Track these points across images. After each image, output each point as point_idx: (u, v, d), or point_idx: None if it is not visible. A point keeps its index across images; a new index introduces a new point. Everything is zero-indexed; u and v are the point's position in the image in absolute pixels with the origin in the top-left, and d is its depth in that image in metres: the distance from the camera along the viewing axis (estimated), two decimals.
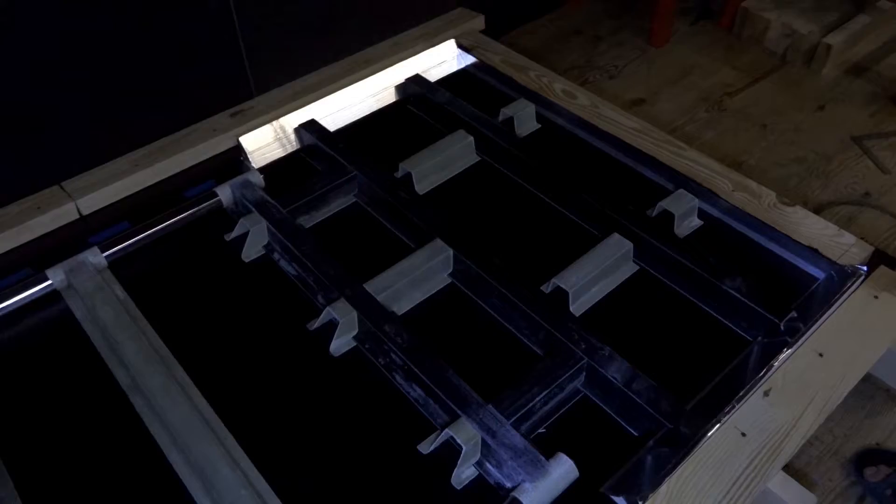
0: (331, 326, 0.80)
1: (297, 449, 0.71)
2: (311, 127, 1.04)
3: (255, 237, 0.89)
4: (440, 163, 0.99)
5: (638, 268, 0.87)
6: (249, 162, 1.02)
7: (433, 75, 1.18)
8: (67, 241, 0.92)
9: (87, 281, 0.83)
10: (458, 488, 0.68)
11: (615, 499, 0.66)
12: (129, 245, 0.89)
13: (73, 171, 0.98)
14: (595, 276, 0.84)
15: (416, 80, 1.14)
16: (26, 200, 0.94)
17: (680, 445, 0.68)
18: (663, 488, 0.65)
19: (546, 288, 0.83)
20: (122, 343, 0.76)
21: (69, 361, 0.78)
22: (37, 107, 0.91)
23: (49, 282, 0.83)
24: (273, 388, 0.76)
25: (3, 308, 0.82)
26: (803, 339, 0.77)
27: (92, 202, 0.95)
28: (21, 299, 0.83)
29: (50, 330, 0.82)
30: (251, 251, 0.89)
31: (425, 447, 0.70)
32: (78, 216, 0.94)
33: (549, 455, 0.67)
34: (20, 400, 0.75)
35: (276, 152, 1.05)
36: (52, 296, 0.84)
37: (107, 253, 0.87)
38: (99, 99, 0.96)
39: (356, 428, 0.73)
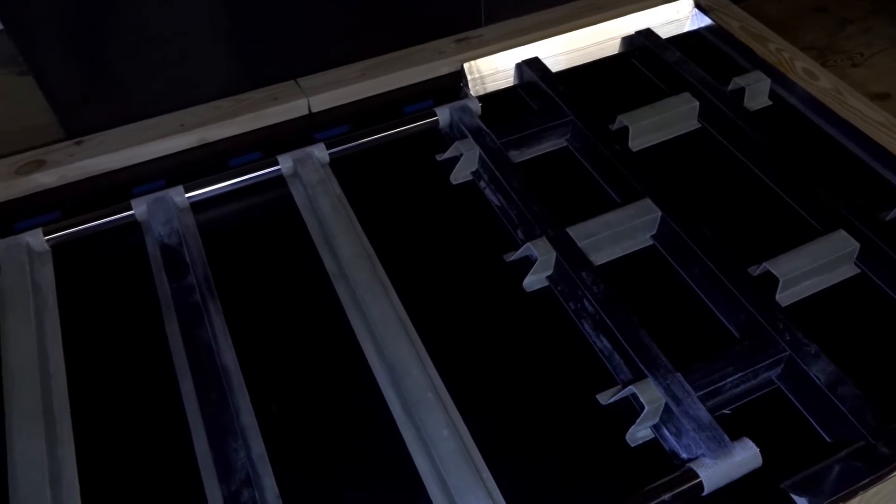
0: (527, 262, 0.81)
1: (476, 366, 0.74)
2: (534, 65, 1.04)
3: (467, 162, 0.91)
4: (660, 122, 0.96)
5: (859, 271, 0.81)
6: (468, 89, 1.04)
7: (663, 33, 1.13)
8: (295, 133, 0.99)
9: (311, 173, 0.89)
10: (631, 446, 0.68)
11: (797, 498, 0.63)
12: (349, 147, 0.94)
13: (309, 70, 1.04)
14: (811, 269, 0.78)
15: (646, 35, 1.10)
16: (266, 90, 1.02)
17: (878, 463, 0.64)
18: (855, 502, 0.61)
19: (754, 271, 0.79)
20: (335, 235, 0.82)
21: (286, 241, 0.85)
22: (277, 2, 0.97)
23: (278, 167, 0.90)
24: (462, 306, 0.79)
25: (236, 183, 0.90)
26: None
27: (321, 101, 1.01)
28: (252, 177, 0.90)
29: (272, 210, 0.89)
30: (460, 174, 0.92)
31: (604, 398, 0.70)
32: (307, 112, 1.01)
33: (733, 438, 0.65)
34: (240, 265, 0.83)
35: (494, 84, 1.06)
36: (278, 180, 0.91)
37: (330, 150, 0.92)
38: (335, 6, 1.01)
39: (536, 363, 0.74)
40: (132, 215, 0.85)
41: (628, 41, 1.12)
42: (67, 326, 0.77)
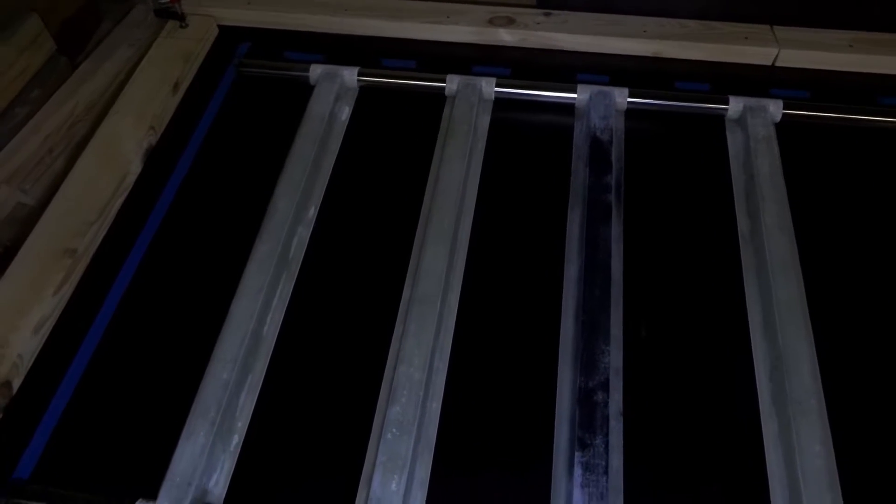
0: None
1: (868, 400, 0.65)
2: None
3: None
4: None
5: None
6: None
7: None
8: (749, 79, 0.93)
9: (760, 127, 0.83)
10: None
11: None
12: (805, 115, 0.85)
13: (787, 21, 0.96)
14: None
15: None
16: (739, 26, 0.95)
17: None
18: None
19: None
20: (764, 199, 0.76)
21: (703, 181, 0.81)
22: None
23: (726, 107, 0.85)
24: (873, 339, 0.69)
25: (676, 105, 0.87)
26: None
27: (790, 57, 0.93)
28: (694, 107, 0.86)
29: (700, 146, 0.85)
30: None
31: None
32: (770, 63, 0.94)
33: None
34: (650, 184, 0.81)
35: None
36: (717, 119, 0.87)
37: (785, 111, 0.85)
38: None
39: None
40: (573, 98, 0.87)
41: None
42: (486, 171, 0.82)
